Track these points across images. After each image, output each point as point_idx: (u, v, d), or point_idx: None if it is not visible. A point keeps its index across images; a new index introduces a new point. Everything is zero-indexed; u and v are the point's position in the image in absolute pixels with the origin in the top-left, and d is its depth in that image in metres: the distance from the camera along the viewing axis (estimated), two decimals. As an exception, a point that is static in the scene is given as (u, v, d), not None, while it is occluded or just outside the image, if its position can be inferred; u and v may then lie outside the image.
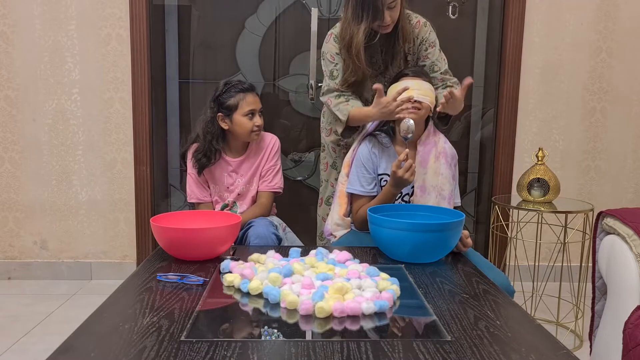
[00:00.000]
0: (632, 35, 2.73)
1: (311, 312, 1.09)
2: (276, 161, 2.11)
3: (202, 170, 2.04)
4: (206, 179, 2.08)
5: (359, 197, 1.83)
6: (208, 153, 2.02)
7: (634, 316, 1.38)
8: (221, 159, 2.06)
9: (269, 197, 2.09)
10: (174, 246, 1.45)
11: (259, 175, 2.09)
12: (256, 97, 2.03)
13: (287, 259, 1.41)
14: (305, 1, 2.75)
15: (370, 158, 1.84)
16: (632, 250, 1.52)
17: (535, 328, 1.05)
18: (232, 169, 2.07)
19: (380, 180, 1.85)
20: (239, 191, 2.08)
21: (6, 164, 2.74)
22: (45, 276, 2.81)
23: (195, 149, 2.05)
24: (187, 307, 1.13)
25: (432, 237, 1.43)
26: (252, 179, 2.08)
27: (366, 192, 1.82)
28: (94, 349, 0.93)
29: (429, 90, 1.80)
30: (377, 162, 1.84)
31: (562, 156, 2.82)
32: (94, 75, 2.69)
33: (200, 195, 2.08)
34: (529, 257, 2.74)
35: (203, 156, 2.02)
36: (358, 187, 1.83)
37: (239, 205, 2.08)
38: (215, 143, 2.01)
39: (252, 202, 2.09)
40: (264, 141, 2.11)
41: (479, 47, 2.85)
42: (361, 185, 1.83)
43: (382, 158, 1.84)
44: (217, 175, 2.07)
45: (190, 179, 2.08)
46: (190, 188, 2.08)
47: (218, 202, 2.10)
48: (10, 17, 2.63)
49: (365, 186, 1.82)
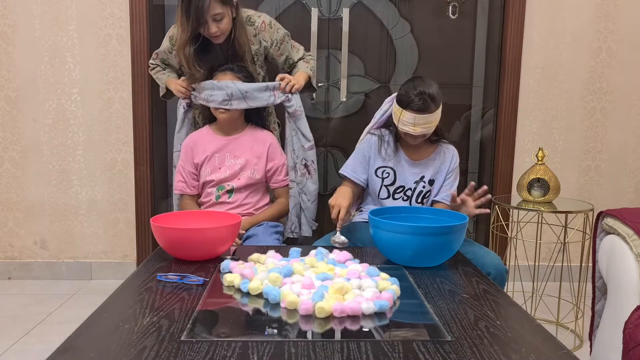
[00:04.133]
0: (632, 35, 2.73)
1: (311, 312, 1.09)
2: (283, 157, 2.12)
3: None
4: (195, 165, 2.07)
5: (347, 179, 1.95)
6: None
7: (634, 316, 1.38)
8: (212, 136, 2.07)
9: (286, 192, 2.12)
10: (174, 246, 1.45)
11: (263, 170, 2.07)
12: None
13: (287, 259, 1.41)
14: (305, 1, 2.75)
15: (372, 148, 1.95)
16: (632, 250, 1.52)
17: (535, 328, 1.05)
18: (221, 146, 2.06)
19: (378, 171, 1.93)
20: (231, 172, 2.04)
21: (6, 164, 2.74)
22: (45, 276, 2.81)
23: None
24: (187, 307, 1.13)
25: (435, 240, 1.40)
26: (253, 168, 2.05)
27: (355, 178, 1.93)
28: (94, 349, 0.93)
29: (435, 119, 1.82)
30: (376, 153, 1.94)
31: (562, 156, 2.82)
32: (94, 75, 2.69)
33: (188, 186, 2.07)
34: (529, 257, 2.74)
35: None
36: (350, 171, 1.95)
37: (235, 187, 2.05)
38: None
39: (251, 190, 2.08)
40: (260, 136, 2.09)
41: (479, 47, 2.85)
42: (353, 170, 1.95)
43: (382, 150, 1.93)
44: (205, 148, 2.06)
45: (178, 170, 2.09)
46: (176, 179, 2.10)
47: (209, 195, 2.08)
48: (10, 17, 2.63)
49: (358, 173, 1.94)
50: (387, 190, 1.93)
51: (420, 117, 1.77)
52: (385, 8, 2.78)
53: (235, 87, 1.96)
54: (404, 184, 1.92)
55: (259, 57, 2.17)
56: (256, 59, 2.16)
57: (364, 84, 2.82)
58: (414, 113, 1.77)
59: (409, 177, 1.92)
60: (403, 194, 1.92)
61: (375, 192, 1.94)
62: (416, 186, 1.92)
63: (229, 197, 2.05)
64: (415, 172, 1.93)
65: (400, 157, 1.93)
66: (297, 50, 2.23)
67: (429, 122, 1.79)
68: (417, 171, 1.93)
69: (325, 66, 2.78)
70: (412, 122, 1.78)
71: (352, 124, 2.80)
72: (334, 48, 2.75)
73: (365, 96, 2.83)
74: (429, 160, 1.94)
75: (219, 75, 2.02)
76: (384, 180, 1.92)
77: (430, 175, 1.93)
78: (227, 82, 1.97)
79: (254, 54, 2.14)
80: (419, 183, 1.92)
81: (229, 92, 1.96)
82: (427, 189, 1.92)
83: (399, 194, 1.92)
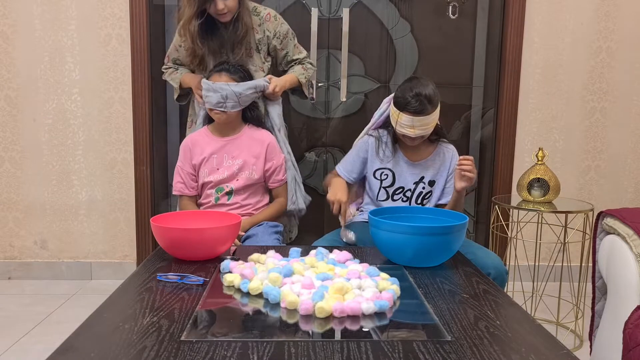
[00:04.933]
0: (632, 35, 2.73)
1: (311, 312, 1.09)
2: (281, 156, 2.11)
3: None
4: (193, 165, 2.06)
5: (337, 175, 1.99)
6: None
7: (634, 316, 1.38)
8: (209, 137, 2.07)
9: (284, 191, 2.13)
10: (174, 246, 1.45)
11: (262, 170, 2.06)
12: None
13: (287, 259, 1.41)
14: (305, 1, 2.75)
15: (369, 150, 1.96)
16: (632, 250, 1.52)
17: (535, 328, 1.05)
18: (219, 147, 2.05)
19: (376, 173, 1.94)
20: (229, 172, 2.04)
21: (6, 164, 2.74)
22: (45, 276, 2.81)
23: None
24: (187, 307, 1.13)
25: (435, 240, 1.40)
26: (252, 168, 2.05)
27: (347, 179, 1.97)
28: (94, 349, 0.93)
29: (432, 120, 1.82)
30: (374, 155, 1.95)
31: (562, 156, 2.82)
32: (94, 75, 2.69)
33: (186, 187, 2.07)
34: (529, 257, 2.74)
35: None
36: (345, 172, 1.97)
37: (234, 188, 2.05)
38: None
39: (250, 192, 2.07)
40: (258, 136, 2.08)
41: (479, 47, 2.85)
42: (347, 171, 1.97)
43: (379, 152, 1.94)
44: (203, 149, 2.06)
45: (177, 171, 2.08)
46: (175, 179, 2.09)
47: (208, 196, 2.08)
48: (10, 17, 2.63)
49: (350, 172, 1.97)
50: (386, 192, 1.93)
51: (417, 119, 1.76)
52: (385, 8, 2.78)
53: (230, 89, 1.96)
54: (404, 185, 1.92)
55: (262, 47, 2.20)
56: (260, 48, 2.19)
57: (364, 84, 2.82)
58: (412, 115, 1.76)
59: (408, 178, 1.92)
60: (402, 195, 1.92)
61: (374, 195, 1.94)
62: (416, 187, 1.92)
63: (228, 199, 2.05)
64: (415, 173, 1.92)
65: (399, 158, 1.93)
66: (300, 52, 2.26)
67: (426, 124, 1.78)
68: (417, 172, 1.93)
69: (325, 66, 2.78)
70: (410, 125, 1.77)
71: (352, 124, 2.80)
72: (334, 48, 2.75)
73: (365, 96, 2.83)
74: (429, 161, 1.93)
75: (215, 76, 2.00)
76: (382, 182, 1.92)
77: (430, 177, 1.92)
78: (221, 84, 1.96)
79: (257, 42, 2.18)
80: (419, 184, 1.92)
81: (224, 94, 1.96)
82: (428, 190, 1.92)
83: (399, 195, 1.92)
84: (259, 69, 2.21)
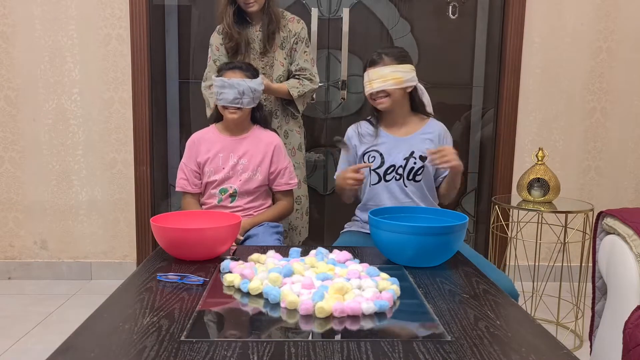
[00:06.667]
0: (632, 35, 2.73)
1: (311, 312, 1.09)
2: (286, 159, 2.10)
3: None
4: (198, 163, 2.05)
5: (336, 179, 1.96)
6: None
7: (634, 316, 1.38)
8: (217, 136, 2.06)
9: (289, 195, 2.12)
10: (174, 246, 1.45)
11: (266, 171, 2.06)
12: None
13: (287, 259, 1.40)
14: (305, 1, 2.75)
15: (352, 140, 1.97)
16: (632, 250, 1.52)
17: (535, 328, 1.05)
18: (226, 146, 2.04)
19: (364, 157, 1.92)
20: (234, 171, 2.03)
21: (6, 164, 2.74)
22: (45, 276, 2.81)
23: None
24: (187, 307, 1.13)
25: (435, 240, 1.40)
26: (257, 168, 2.04)
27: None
28: (94, 349, 0.93)
29: (389, 72, 1.80)
30: (358, 143, 1.95)
31: (562, 156, 2.82)
32: (94, 75, 2.69)
33: (189, 184, 2.05)
34: (529, 257, 2.74)
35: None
36: (338, 171, 1.96)
37: (238, 190, 2.03)
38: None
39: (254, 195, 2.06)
40: (265, 136, 2.08)
41: (479, 47, 2.85)
42: (340, 170, 1.96)
43: (361, 138, 1.95)
44: (209, 147, 2.05)
45: (181, 167, 2.07)
46: (179, 176, 2.08)
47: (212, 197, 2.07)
48: (10, 17, 2.63)
49: (345, 170, 1.93)
50: (378, 175, 1.88)
51: (372, 71, 1.78)
52: (385, 8, 2.78)
53: (246, 84, 1.95)
54: (394, 162, 1.87)
55: (286, 45, 2.27)
56: (284, 46, 2.27)
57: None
58: (368, 69, 1.80)
59: (398, 155, 1.87)
60: (395, 174, 1.86)
61: (366, 182, 1.89)
62: (406, 162, 1.86)
63: (231, 202, 2.04)
64: (405, 149, 1.88)
65: (385, 137, 1.90)
66: (305, 60, 2.28)
67: (382, 76, 1.77)
68: (407, 147, 1.88)
69: (325, 66, 2.78)
70: (368, 80, 1.79)
71: (352, 124, 2.79)
72: (334, 48, 2.75)
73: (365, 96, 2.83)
74: (418, 135, 1.89)
75: (228, 73, 1.99)
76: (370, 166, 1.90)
77: (421, 151, 1.86)
78: (238, 80, 1.95)
79: (282, 39, 2.27)
80: (409, 159, 1.86)
81: (240, 90, 1.94)
82: (420, 165, 1.86)
83: (390, 174, 1.87)
84: (279, 65, 2.27)
